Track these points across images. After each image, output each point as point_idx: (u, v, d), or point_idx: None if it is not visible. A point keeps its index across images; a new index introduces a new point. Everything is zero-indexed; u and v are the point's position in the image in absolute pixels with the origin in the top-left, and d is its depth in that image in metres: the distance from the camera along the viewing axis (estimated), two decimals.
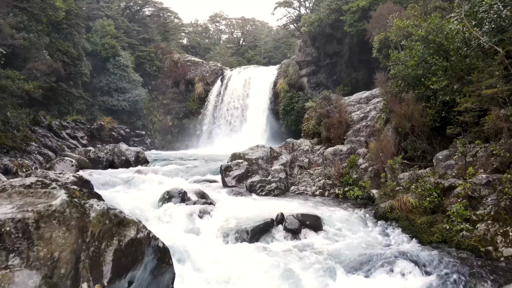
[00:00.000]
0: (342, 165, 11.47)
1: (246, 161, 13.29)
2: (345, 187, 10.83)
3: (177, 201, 9.33)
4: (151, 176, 13.46)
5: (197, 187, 11.24)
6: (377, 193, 9.74)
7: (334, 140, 12.99)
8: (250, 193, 11.62)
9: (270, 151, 13.80)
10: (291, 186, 12.27)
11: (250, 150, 13.77)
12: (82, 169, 14.95)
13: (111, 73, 36.05)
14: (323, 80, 32.22)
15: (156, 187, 11.22)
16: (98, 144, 28.07)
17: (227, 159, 14.24)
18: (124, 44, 39.17)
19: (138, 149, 17.10)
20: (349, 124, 13.15)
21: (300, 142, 14.44)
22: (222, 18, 75.78)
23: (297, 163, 13.39)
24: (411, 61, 11.20)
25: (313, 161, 13.29)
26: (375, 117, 13.06)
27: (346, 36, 28.49)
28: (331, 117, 13.54)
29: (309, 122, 15.26)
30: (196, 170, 15.15)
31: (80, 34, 29.47)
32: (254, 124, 34.48)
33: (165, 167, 15.86)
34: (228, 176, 12.60)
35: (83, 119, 32.78)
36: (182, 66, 41.98)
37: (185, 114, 40.64)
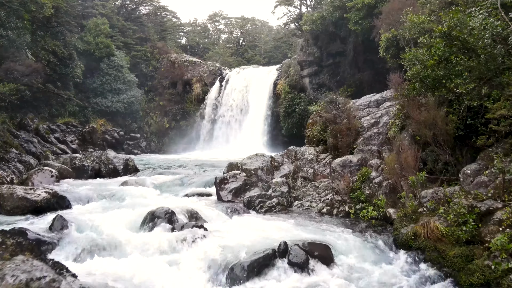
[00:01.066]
0: (352, 178, 10.12)
1: (244, 172, 11.95)
2: (357, 205, 9.48)
3: (163, 224, 7.98)
4: (138, 189, 12.12)
5: (188, 204, 9.89)
6: (396, 213, 8.39)
7: (342, 149, 11.64)
8: (249, 210, 10.28)
9: (271, 160, 12.46)
10: (295, 201, 10.92)
11: (248, 159, 12.43)
12: (64, 179, 13.62)
13: (105, 73, 34.70)
14: (325, 81, 30.87)
15: (142, 203, 9.87)
16: (89, 148, 26.78)
17: (224, 169, 12.89)
18: (119, 43, 37.83)
19: (128, 156, 15.74)
20: (359, 131, 11.81)
21: (303, 150, 13.09)
22: (222, 17, 74.50)
23: (301, 174, 12.04)
24: (431, 61, 9.88)
25: (318, 172, 11.94)
26: (388, 123, 11.71)
27: (350, 34, 27.14)
28: (338, 123, 12.19)
29: (313, 128, 13.91)
30: (189, 181, 13.80)
31: (72, 33, 28.10)
32: (253, 126, 33.15)
33: (156, 177, 14.51)
34: (223, 190, 11.26)
35: (76, 121, 31.43)
36: (180, 66, 40.65)
37: (183, 116, 39.31)
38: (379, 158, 10.63)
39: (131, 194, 11.24)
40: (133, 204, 9.86)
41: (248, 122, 33.60)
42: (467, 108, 9.45)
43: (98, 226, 7.68)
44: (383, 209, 8.84)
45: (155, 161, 22.12)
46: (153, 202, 9.96)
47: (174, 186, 13.11)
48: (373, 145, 11.16)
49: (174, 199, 10.69)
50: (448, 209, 6.87)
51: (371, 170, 10.00)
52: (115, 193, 11.36)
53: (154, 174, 15.25)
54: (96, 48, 34.24)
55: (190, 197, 11.56)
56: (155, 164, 19.52)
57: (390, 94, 13.63)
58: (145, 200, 10.37)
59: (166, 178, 14.40)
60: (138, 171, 15.74)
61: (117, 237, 7.10)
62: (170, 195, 11.52)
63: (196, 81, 39.07)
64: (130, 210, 9.19)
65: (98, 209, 9.66)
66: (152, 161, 22.19)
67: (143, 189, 12.24)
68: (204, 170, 16.98)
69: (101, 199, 10.90)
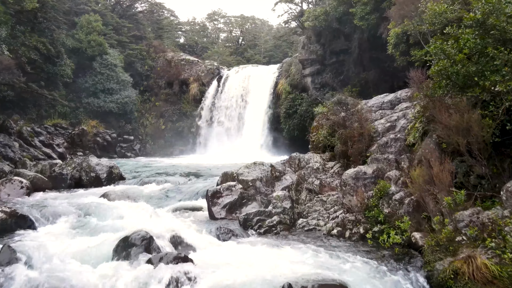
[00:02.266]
0: (367, 193, 8.57)
1: (240, 183, 10.40)
2: (374, 226, 7.93)
3: (138, 254, 6.44)
4: (119, 203, 10.58)
5: (172, 224, 8.35)
6: (423, 239, 6.85)
7: (353, 157, 10.10)
8: (245, 230, 8.73)
9: (271, 170, 10.90)
10: (299, 219, 9.38)
11: (245, 168, 10.87)
12: (38, 190, 12.08)
13: (98, 72, 33.17)
14: (328, 80, 29.33)
15: (118, 223, 8.33)
16: (79, 152, 25.27)
17: (217, 179, 11.34)
18: (112, 41, 36.30)
19: (112, 163, 14.18)
20: (372, 137, 10.26)
21: (308, 157, 11.54)
22: (221, 16, 73.09)
23: (305, 186, 10.50)
24: (460, 54, 8.34)
25: (325, 183, 10.40)
26: (406, 127, 10.17)
27: (355, 31, 25.60)
28: (348, 127, 10.64)
29: (319, 132, 12.37)
30: (179, 192, 12.26)
31: (60, 29, 26.57)
32: (253, 128, 31.62)
33: (142, 187, 12.98)
34: (216, 205, 9.72)
35: (66, 123, 29.90)
36: (176, 66, 39.14)
37: (179, 117, 37.78)
38: (398, 169, 9.08)
39: (110, 209, 9.69)
40: (109, 224, 8.32)
41: (247, 124, 32.08)
42: (506, 110, 7.92)
43: (56, 259, 6.15)
44: (407, 233, 7.29)
45: (147, 166, 20.57)
46: (132, 222, 8.43)
47: (161, 198, 11.56)
48: (389, 153, 9.61)
49: (158, 217, 9.13)
50: (502, 242, 5.32)
51: (390, 184, 8.45)
52: (92, 207, 9.81)
53: (141, 183, 13.71)
54: (88, 46, 32.72)
55: (177, 212, 10.02)
56: (146, 170, 17.97)
57: (405, 94, 12.10)
58: (123, 219, 8.81)
59: (153, 188, 12.86)
60: (124, 179, 14.20)
61: (79, 269, 5.57)
62: (154, 210, 9.95)
63: (193, 80, 37.55)
64: (102, 234, 7.65)
65: (66, 231, 8.13)
66: (144, 166, 20.64)
67: (125, 202, 10.69)
68: (197, 177, 15.45)
69: (74, 216, 9.35)
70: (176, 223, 8.67)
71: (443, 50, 8.56)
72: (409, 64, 21.63)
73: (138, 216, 9.06)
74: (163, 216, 9.56)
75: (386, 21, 22.29)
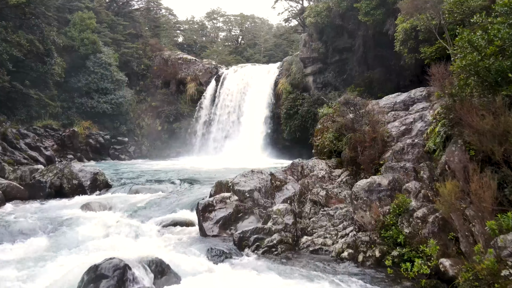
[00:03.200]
0: (383, 209, 7.36)
1: (236, 194, 9.19)
2: (393, 249, 6.72)
3: None
4: (100, 216, 9.38)
5: (156, 245, 7.14)
6: (456, 270, 5.65)
7: (365, 165, 8.89)
8: (240, 251, 7.53)
9: (271, 178, 9.69)
10: (302, 236, 8.17)
11: (242, 177, 9.66)
12: (12, 200, 10.87)
13: (91, 71, 31.96)
14: (331, 79, 28.14)
15: (94, 245, 7.12)
16: (69, 155, 24.09)
17: (211, 188, 10.12)
18: (107, 39, 35.09)
19: (97, 169, 12.97)
20: (386, 142, 9.05)
21: (312, 164, 10.34)
22: (220, 15, 71.90)
23: (310, 197, 9.30)
24: (491, 47, 7.14)
25: (332, 194, 9.20)
26: (424, 131, 8.97)
27: (360, 27, 24.40)
28: (357, 130, 9.44)
29: (323, 136, 11.17)
30: (170, 201, 11.06)
31: (50, 26, 25.36)
32: (252, 129, 30.41)
33: (128, 197, 11.78)
34: (208, 220, 8.51)
35: (58, 124, 28.67)
36: (173, 65, 37.93)
37: (176, 118, 36.57)
38: (417, 180, 7.87)
39: (87, 225, 8.49)
40: (82, 245, 7.11)
41: (246, 125, 30.86)
42: None
43: None
44: (434, 260, 6.09)
45: (139, 170, 19.36)
46: (111, 241, 7.23)
47: (149, 209, 10.35)
48: (406, 161, 8.40)
49: (141, 235, 7.92)
50: None
51: (410, 198, 7.23)
52: (67, 223, 8.61)
53: (129, 191, 12.50)
54: (81, 44, 31.53)
55: (165, 228, 8.81)
56: (137, 174, 16.77)
57: (420, 94, 10.89)
58: (100, 239, 7.60)
59: (141, 197, 11.66)
60: (110, 187, 12.98)
61: None
62: (139, 225, 8.75)
63: (190, 80, 36.35)
64: (72, 258, 6.45)
65: (30, 255, 6.92)
66: (136, 170, 19.43)
67: (107, 215, 9.50)
68: (192, 184, 14.25)
69: (46, 233, 8.17)
70: (161, 243, 7.45)
71: (471, 42, 7.34)
72: (417, 62, 20.54)
73: (118, 234, 7.85)
74: (148, 232, 8.36)
75: (393, 16, 21.11)
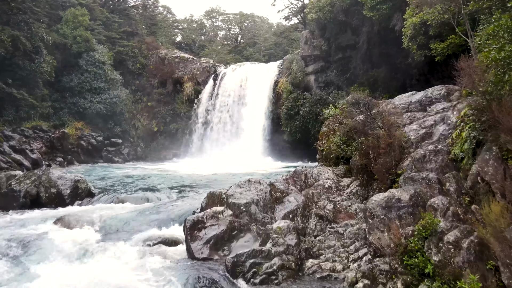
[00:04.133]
0: (404, 229, 6.14)
1: (230, 208, 7.97)
2: (419, 281, 5.50)
3: None
4: (74, 233, 8.16)
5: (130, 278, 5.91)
6: None
7: (379, 175, 7.67)
8: (234, 279, 6.32)
9: (270, 189, 8.46)
10: (307, 259, 6.96)
11: (237, 188, 8.43)
12: None
13: (84, 70, 30.76)
14: (333, 78, 26.91)
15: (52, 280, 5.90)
16: (59, 158, 22.88)
17: (202, 200, 8.89)
18: (101, 37, 33.86)
19: (78, 177, 11.73)
20: (404, 148, 7.83)
21: (317, 172, 9.12)
22: (219, 13, 70.75)
23: (315, 210, 8.09)
24: None
25: (341, 207, 7.99)
26: (448, 135, 7.75)
27: (364, 23, 23.18)
28: (369, 134, 8.21)
29: (329, 140, 9.95)
30: (158, 214, 9.83)
31: (39, 23, 24.15)
32: (251, 130, 29.18)
33: (114, 207, 10.56)
34: (197, 240, 7.29)
35: (49, 125, 27.45)
36: (170, 63, 36.72)
37: (173, 118, 35.35)
38: (443, 193, 6.65)
39: (56, 249, 7.27)
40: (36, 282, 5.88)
41: (245, 126, 29.64)
42: None
43: None
44: None
45: (131, 174, 18.13)
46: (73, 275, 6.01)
47: (133, 224, 9.11)
48: (429, 171, 7.18)
49: (115, 260, 6.69)
50: None
51: (437, 218, 6.01)
52: (32, 244, 7.39)
53: (114, 200, 11.28)
54: (73, 41, 30.32)
55: (147, 248, 7.59)
56: (127, 180, 15.54)
57: (438, 93, 9.67)
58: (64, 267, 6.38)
59: (126, 208, 10.44)
60: (93, 195, 11.76)
61: None
62: (116, 246, 7.51)
63: (187, 79, 35.14)
64: None
65: None
66: (127, 174, 18.20)
67: (83, 233, 8.27)
68: (186, 191, 13.04)
69: (3, 255, 6.93)
70: (139, 272, 6.23)
71: (510, 29, 6.13)
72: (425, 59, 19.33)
73: (89, 260, 6.62)
74: (127, 255, 7.12)
75: (400, 11, 19.89)
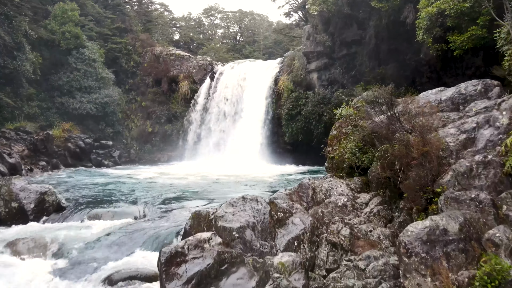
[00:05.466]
0: (456, 274, 4.45)
1: (220, 233, 6.28)
2: None
3: None
4: (26, 265, 6.48)
5: None
6: None
7: (410, 193, 5.97)
8: None
9: (270, 209, 6.76)
10: None
11: (229, 207, 6.73)
12: None
13: (74, 68, 29.07)
14: (337, 76, 25.21)
15: None
16: (42, 161, 21.18)
17: (186, 222, 7.19)
18: (92, 34, 32.21)
19: (45, 188, 10.04)
20: (441, 158, 6.13)
21: (328, 186, 7.43)
22: (218, 11, 69.21)
23: (326, 236, 6.41)
24: None
25: (359, 232, 6.34)
26: (497, 141, 6.07)
27: (372, 16, 21.49)
28: (394, 140, 6.53)
29: (341, 146, 8.27)
30: (134, 234, 8.15)
31: (22, 16, 22.48)
32: (250, 131, 27.48)
33: (83, 225, 8.88)
34: (174, 278, 5.59)
35: (35, 126, 25.82)
36: (165, 61, 35.04)
37: (168, 119, 33.68)
38: (500, 220, 4.96)
39: None
40: None
41: (243, 127, 27.94)
42: None
43: None
44: None
45: (115, 181, 16.43)
46: None
47: (101, 249, 7.42)
48: (478, 189, 5.49)
49: None
50: None
51: (504, 260, 4.32)
52: None
53: (86, 216, 9.59)
54: (62, 38, 28.64)
55: None
56: (108, 188, 13.83)
57: (473, 88, 8.00)
58: None
59: (98, 227, 8.75)
60: (63, 209, 10.02)
61: None
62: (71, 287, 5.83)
63: (183, 78, 33.46)
64: None
65: None
66: (111, 181, 16.50)
67: (31, 266, 6.57)
68: (173, 202, 11.38)
69: None
70: None
71: None
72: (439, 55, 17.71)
73: None
74: None
75: (412, 1, 18.22)
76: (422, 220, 4.94)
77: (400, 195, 6.77)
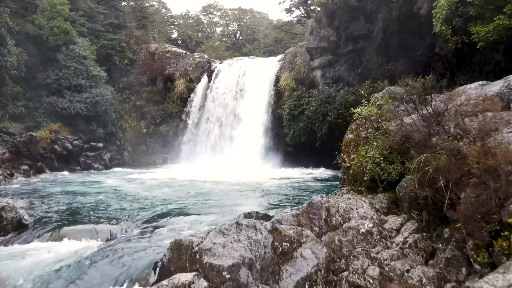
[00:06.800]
0: None
1: (206, 272, 4.67)
2: None
3: None
4: None
5: None
6: None
7: (468, 222, 4.36)
8: None
9: (273, 240, 5.14)
10: None
11: (218, 236, 5.11)
12: None
13: (63, 65, 27.47)
14: (343, 73, 23.61)
15: None
16: (24, 165, 19.57)
17: (165, 253, 5.58)
18: (83, 29, 30.61)
19: (3, 203, 8.40)
20: (509, 173, 4.51)
21: (346, 206, 5.81)
22: (217, 9, 67.74)
23: (347, 276, 4.82)
24: None
25: (393, 272, 4.74)
26: None
27: (380, 8, 19.87)
28: (434, 148, 4.91)
29: (359, 153, 6.66)
30: (104, 261, 6.55)
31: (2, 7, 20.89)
32: (249, 132, 25.87)
33: (46, 248, 7.29)
34: None
35: (21, 127, 24.26)
36: (160, 59, 33.48)
37: (163, 119, 32.14)
38: None
39: None
40: None
41: (242, 127, 26.35)
42: None
43: None
44: None
45: (98, 190, 14.80)
46: None
47: (61, 284, 5.82)
48: None
49: None
50: None
51: None
52: None
53: (50, 236, 7.99)
54: (50, 33, 27.05)
55: None
56: (86, 199, 12.21)
57: None
58: None
59: (62, 251, 7.15)
60: (24, 227, 8.42)
61: None
62: None
63: (179, 76, 31.88)
64: None
65: None
66: (93, 189, 14.86)
67: None
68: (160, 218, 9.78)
69: None
70: None
71: None
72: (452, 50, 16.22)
73: None
74: None
75: None
76: (503, 273, 3.32)
77: (442, 219, 5.17)
